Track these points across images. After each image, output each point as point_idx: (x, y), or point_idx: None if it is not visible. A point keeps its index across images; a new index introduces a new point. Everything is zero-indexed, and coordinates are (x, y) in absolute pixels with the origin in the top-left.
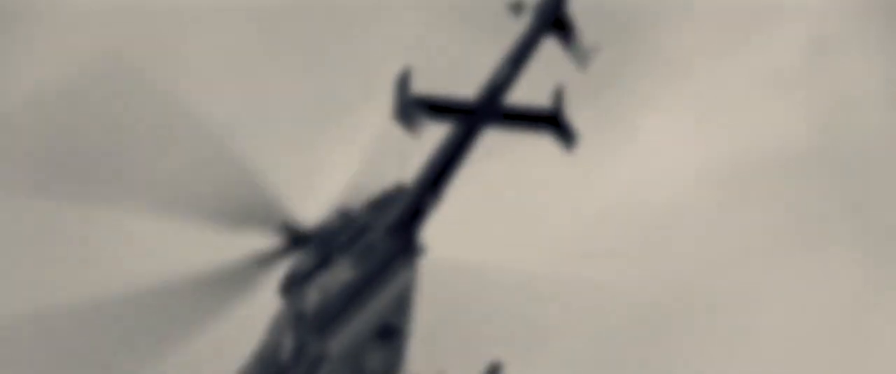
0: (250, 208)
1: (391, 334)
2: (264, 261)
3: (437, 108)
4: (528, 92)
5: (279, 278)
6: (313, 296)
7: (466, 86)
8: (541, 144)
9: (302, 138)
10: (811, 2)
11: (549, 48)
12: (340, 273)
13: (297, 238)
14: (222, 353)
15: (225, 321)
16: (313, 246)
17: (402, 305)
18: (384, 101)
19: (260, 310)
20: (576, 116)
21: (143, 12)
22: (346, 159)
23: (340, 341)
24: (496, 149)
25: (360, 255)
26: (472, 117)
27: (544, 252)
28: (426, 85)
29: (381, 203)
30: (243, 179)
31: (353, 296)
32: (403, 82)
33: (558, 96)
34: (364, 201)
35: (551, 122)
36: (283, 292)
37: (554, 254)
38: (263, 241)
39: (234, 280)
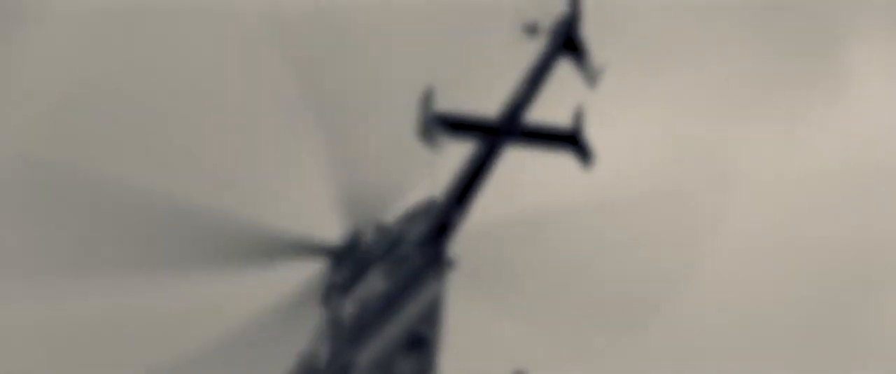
0: (285, 240)
1: (421, 343)
2: (310, 250)
3: (460, 126)
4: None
5: (320, 289)
6: (349, 306)
7: (490, 102)
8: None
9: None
10: None
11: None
12: (374, 284)
13: (335, 254)
14: None
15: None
16: (351, 259)
17: (432, 316)
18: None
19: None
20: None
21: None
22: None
23: (369, 350)
24: None
25: (392, 267)
26: (493, 136)
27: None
28: (449, 102)
29: (412, 217)
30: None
31: (384, 307)
32: (427, 101)
33: (578, 116)
34: (398, 214)
35: (570, 140)
36: (322, 302)
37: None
38: (306, 267)
39: (275, 250)
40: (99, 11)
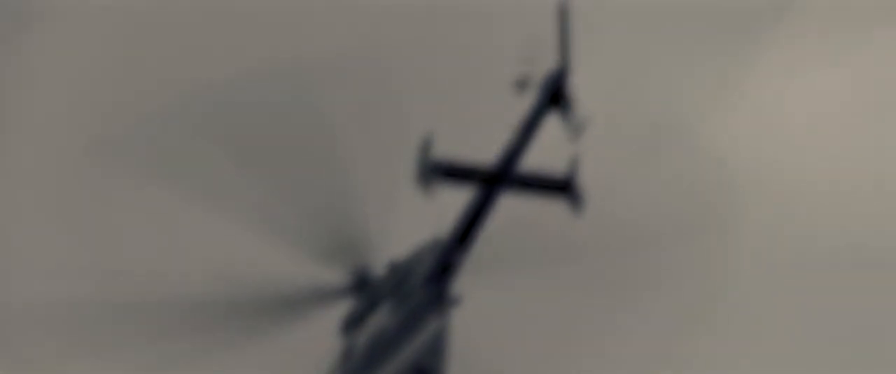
0: (338, 243)
1: None
2: (325, 296)
3: (456, 173)
4: None
5: (341, 318)
6: (361, 337)
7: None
8: None
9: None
10: None
11: None
12: (382, 318)
13: (362, 282)
14: None
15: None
16: (367, 291)
17: (436, 350)
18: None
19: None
20: None
21: None
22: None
23: None
24: None
25: (399, 303)
26: (488, 184)
27: None
28: (449, 148)
29: (420, 255)
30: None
31: (391, 340)
32: (425, 148)
33: (573, 165)
34: (410, 252)
35: (564, 188)
36: (342, 331)
37: None
38: (335, 277)
39: (292, 306)
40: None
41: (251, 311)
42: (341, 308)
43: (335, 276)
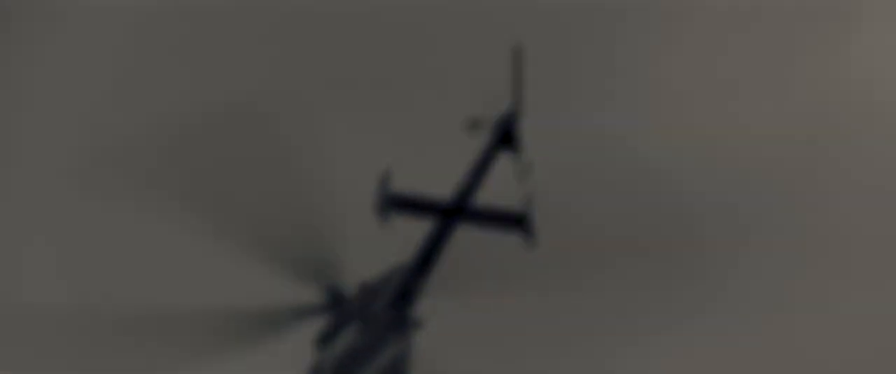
0: (316, 262)
1: None
2: (300, 314)
3: (412, 206)
4: None
5: (315, 334)
6: (329, 355)
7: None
8: None
9: None
10: None
11: None
12: (349, 337)
13: (336, 299)
14: None
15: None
16: (339, 309)
17: (398, 369)
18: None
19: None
20: None
21: None
22: None
23: None
24: None
25: (366, 323)
26: (443, 219)
27: None
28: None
29: (388, 277)
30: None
31: (355, 359)
32: (384, 182)
33: (529, 201)
34: (380, 273)
35: (519, 222)
36: (316, 346)
37: None
38: (309, 295)
39: (266, 323)
40: None
41: (232, 324)
42: (317, 324)
43: (312, 294)
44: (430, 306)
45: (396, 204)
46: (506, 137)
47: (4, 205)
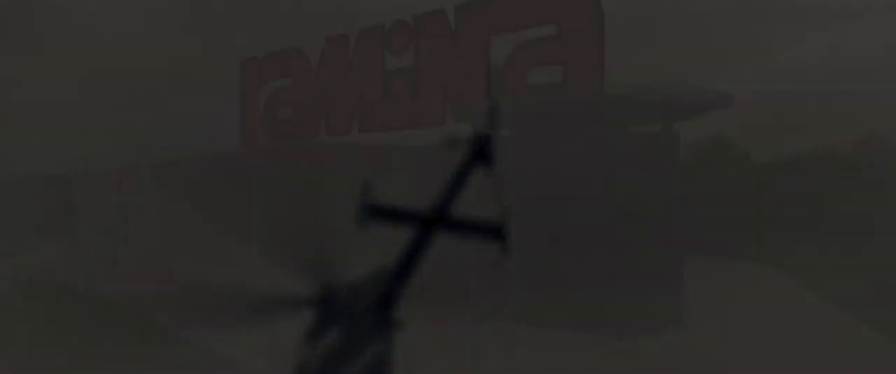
0: (311, 257)
1: None
2: (295, 305)
3: (391, 215)
4: None
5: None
6: (313, 352)
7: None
8: None
9: None
10: None
11: None
12: (333, 336)
13: (327, 296)
14: None
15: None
16: (329, 306)
17: (382, 369)
18: None
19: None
20: None
21: None
22: None
23: None
24: None
25: (350, 323)
26: (420, 229)
27: None
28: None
29: (374, 277)
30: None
31: (337, 358)
32: (364, 192)
33: (505, 213)
34: (367, 272)
35: (495, 233)
36: (304, 340)
37: None
38: (305, 289)
39: (263, 310)
40: None
41: (227, 310)
42: (308, 318)
43: (305, 288)
44: (411, 308)
45: (375, 214)
46: (481, 153)
47: None
